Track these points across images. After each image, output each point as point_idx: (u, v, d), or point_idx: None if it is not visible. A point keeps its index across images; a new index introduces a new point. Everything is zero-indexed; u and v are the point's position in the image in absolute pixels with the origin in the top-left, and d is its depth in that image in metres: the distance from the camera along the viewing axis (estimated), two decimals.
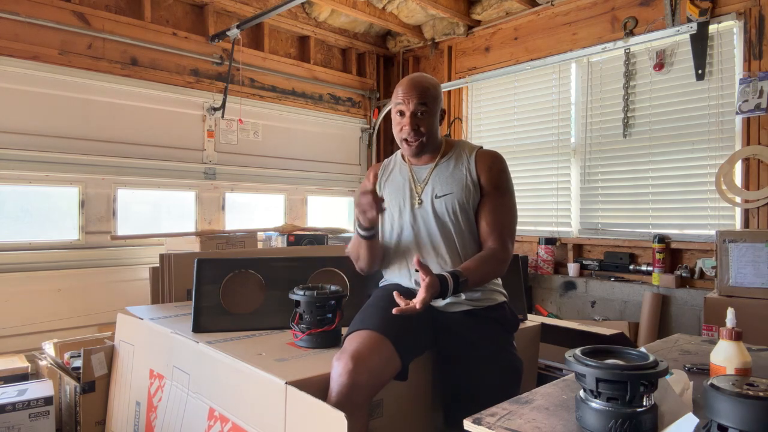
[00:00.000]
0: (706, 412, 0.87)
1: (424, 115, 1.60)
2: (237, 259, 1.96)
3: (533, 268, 3.96)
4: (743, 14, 3.08)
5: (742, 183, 3.09)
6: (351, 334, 1.47)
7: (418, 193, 1.67)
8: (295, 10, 4.28)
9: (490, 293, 1.64)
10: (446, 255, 1.62)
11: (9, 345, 2.97)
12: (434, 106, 1.63)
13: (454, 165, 1.66)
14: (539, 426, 0.97)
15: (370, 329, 1.45)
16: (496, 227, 1.60)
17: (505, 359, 1.55)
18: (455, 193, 1.62)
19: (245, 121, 4.08)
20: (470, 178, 1.63)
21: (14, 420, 1.95)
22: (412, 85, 1.60)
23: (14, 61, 3.06)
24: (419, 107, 1.59)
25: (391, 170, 1.79)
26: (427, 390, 1.63)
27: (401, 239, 1.69)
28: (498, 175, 1.63)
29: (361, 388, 1.33)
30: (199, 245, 3.16)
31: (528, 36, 4.11)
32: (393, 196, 1.73)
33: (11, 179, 3.11)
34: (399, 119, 1.63)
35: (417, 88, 1.60)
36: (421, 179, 1.69)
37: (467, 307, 1.59)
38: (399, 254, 1.70)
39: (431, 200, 1.64)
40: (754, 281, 2.46)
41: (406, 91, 1.60)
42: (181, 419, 1.69)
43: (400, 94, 1.61)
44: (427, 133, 1.62)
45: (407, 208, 1.68)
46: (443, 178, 1.65)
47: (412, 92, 1.59)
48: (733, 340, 1.12)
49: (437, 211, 1.63)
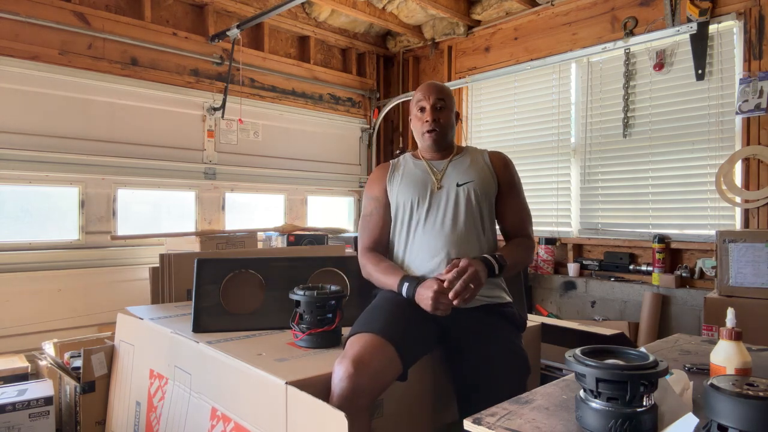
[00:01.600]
0: (706, 412, 0.87)
1: (443, 109, 1.76)
2: (237, 259, 1.96)
3: (533, 268, 3.96)
4: (743, 14, 3.08)
5: (742, 183, 3.09)
6: (353, 337, 1.47)
7: (439, 180, 1.75)
8: (295, 10, 4.28)
9: (499, 291, 1.68)
10: (473, 240, 1.67)
11: (9, 345, 2.97)
12: (451, 103, 1.80)
13: (470, 160, 1.79)
14: (539, 426, 0.97)
15: (372, 332, 1.44)
16: (523, 220, 1.79)
17: (517, 352, 1.55)
18: (476, 181, 1.72)
19: (245, 121, 4.08)
20: (489, 170, 1.77)
21: (14, 420, 1.95)
22: (431, 85, 1.80)
23: (14, 61, 3.06)
24: (438, 102, 1.75)
25: (403, 167, 1.85)
26: (427, 390, 1.63)
27: (423, 228, 1.70)
28: (513, 173, 1.82)
29: (362, 392, 1.33)
30: (199, 245, 3.16)
31: (528, 36, 4.11)
32: (409, 187, 1.76)
33: (11, 179, 3.11)
34: (420, 115, 1.78)
35: (435, 87, 1.79)
36: (440, 170, 1.78)
37: (478, 303, 1.61)
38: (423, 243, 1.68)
39: (455, 187, 1.72)
40: (754, 281, 2.46)
41: (425, 90, 1.78)
42: (185, 419, 1.69)
43: (420, 94, 1.78)
44: (446, 125, 1.77)
45: (428, 194, 1.73)
46: (462, 170, 1.76)
47: (431, 90, 1.77)
48: (733, 340, 1.12)
49: (460, 196, 1.70)
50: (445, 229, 1.67)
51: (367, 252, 1.78)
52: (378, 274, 1.70)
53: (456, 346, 1.59)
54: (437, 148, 1.79)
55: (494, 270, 1.58)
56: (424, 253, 1.68)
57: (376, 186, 1.85)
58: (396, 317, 1.51)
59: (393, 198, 1.79)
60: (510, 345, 1.55)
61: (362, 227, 1.85)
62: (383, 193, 1.82)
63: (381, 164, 1.94)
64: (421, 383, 1.60)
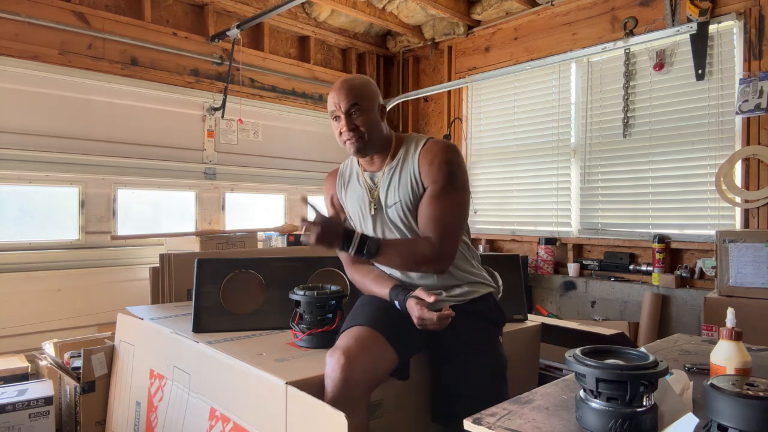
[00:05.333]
0: (706, 412, 0.87)
1: (358, 112, 1.54)
2: (237, 259, 1.96)
3: (533, 268, 3.96)
4: (743, 14, 3.08)
5: (742, 183, 3.09)
6: (343, 332, 1.47)
7: (374, 201, 1.62)
8: (295, 10, 4.28)
9: (472, 286, 1.62)
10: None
11: (9, 345, 2.97)
12: (368, 102, 1.56)
13: (402, 168, 1.59)
14: (539, 426, 0.97)
15: (361, 325, 1.45)
16: (430, 220, 1.51)
17: (487, 357, 1.55)
18: (402, 200, 1.56)
19: (245, 121, 4.08)
20: (414, 181, 1.56)
21: (14, 420, 1.95)
22: (340, 87, 1.56)
23: (14, 61, 3.06)
24: (351, 107, 1.54)
25: (349, 178, 1.72)
26: (426, 390, 1.63)
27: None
28: (438, 168, 1.53)
29: (355, 383, 1.33)
30: (199, 245, 3.17)
31: (528, 36, 4.11)
32: (354, 205, 1.68)
33: (11, 179, 3.11)
34: (336, 125, 1.58)
35: (344, 89, 1.55)
36: (376, 185, 1.63)
37: (449, 304, 1.55)
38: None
39: (385, 209, 1.60)
40: (754, 281, 2.46)
41: (334, 95, 1.56)
42: (183, 419, 1.69)
43: (331, 100, 1.57)
44: (366, 129, 1.55)
45: (368, 217, 1.63)
46: (393, 185, 1.59)
47: (340, 94, 1.55)
48: (733, 340, 1.12)
49: (392, 219, 1.59)
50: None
51: (351, 266, 1.72)
52: (369, 285, 1.65)
53: (431, 352, 1.59)
54: (364, 155, 1.61)
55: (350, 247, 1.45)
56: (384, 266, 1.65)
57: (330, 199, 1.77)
58: (385, 310, 1.51)
59: (346, 211, 1.73)
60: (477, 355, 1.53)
61: None
62: (341, 206, 1.75)
63: (329, 174, 1.81)
64: (421, 383, 1.60)
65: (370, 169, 1.66)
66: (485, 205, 4.48)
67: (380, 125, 1.59)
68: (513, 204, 4.30)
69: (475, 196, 4.52)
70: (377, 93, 1.62)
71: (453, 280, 1.60)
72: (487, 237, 4.39)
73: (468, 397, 1.48)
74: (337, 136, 1.60)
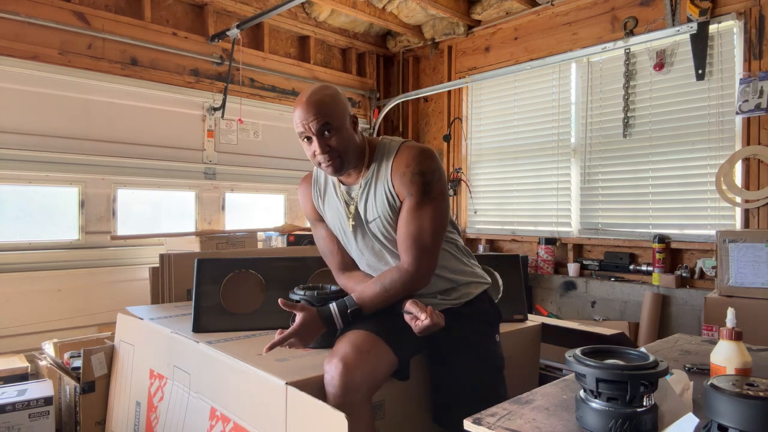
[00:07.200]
0: (706, 412, 0.87)
1: (332, 132, 1.44)
2: (237, 259, 1.96)
3: (533, 268, 3.96)
4: (743, 14, 3.08)
5: (742, 183, 3.09)
6: (340, 337, 1.46)
7: (352, 216, 1.56)
8: (295, 10, 4.28)
9: (465, 287, 1.61)
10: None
11: (9, 345, 2.97)
12: (339, 119, 1.45)
13: (376, 180, 1.52)
14: (539, 426, 0.97)
15: (357, 329, 1.44)
16: (406, 240, 1.46)
17: (484, 358, 1.55)
18: (382, 216, 1.51)
19: (245, 121, 4.08)
20: (390, 195, 1.49)
21: (14, 420, 1.95)
22: (307, 105, 1.43)
23: (14, 61, 3.06)
24: (323, 127, 1.43)
25: (324, 187, 1.66)
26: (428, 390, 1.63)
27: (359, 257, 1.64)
28: (411, 180, 1.45)
29: (356, 388, 1.32)
30: (199, 245, 3.17)
31: (528, 36, 4.11)
32: (333, 218, 1.64)
33: (11, 179, 3.11)
34: (307, 145, 1.48)
35: (313, 107, 1.42)
36: (353, 199, 1.56)
37: (444, 307, 1.55)
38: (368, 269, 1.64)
39: (366, 224, 1.55)
40: (754, 281, 2.46)
41: (302, 115, 1.43)
42: (183, 419, 1.69)
43: (297, 120, 1.45)
44: (342, 149, 1.46)
45: (349, 231, 1.59)
46: (371, 200, 1.53)
47: (309, 114, 1.42)
48: (733, 340, 1.12)
49: (374, 233, 1.55)
50: (374, 263, 1.60)
51: (342, 274, 1.69)
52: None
53: (429, 354, 1.59)
54: (342, 174, 1.54)
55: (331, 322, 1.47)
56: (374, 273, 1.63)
57: (309, 208, 1.72)
58: (382, 313, 1.50)
59: (326, 221, 1.68)
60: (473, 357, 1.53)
61: (322, 251, 1.73)
62: (319, 215, 1.70)
63: (302, 181, 1.75)
64: (422, 384, 1.60)
65: (346, 182, 1.59)
66: (485, 205, 4.48)
67: (354, 139, 1.50)
68: (513, 204, 4.30)
69: (475, 196, 4.52)
70: (346, 104, 1.51)
71: (446, 283, 1.59)
72: (487, 237, 4.39)
73: (465, 397, 1.48)
74: (310, 158, 1.51)
